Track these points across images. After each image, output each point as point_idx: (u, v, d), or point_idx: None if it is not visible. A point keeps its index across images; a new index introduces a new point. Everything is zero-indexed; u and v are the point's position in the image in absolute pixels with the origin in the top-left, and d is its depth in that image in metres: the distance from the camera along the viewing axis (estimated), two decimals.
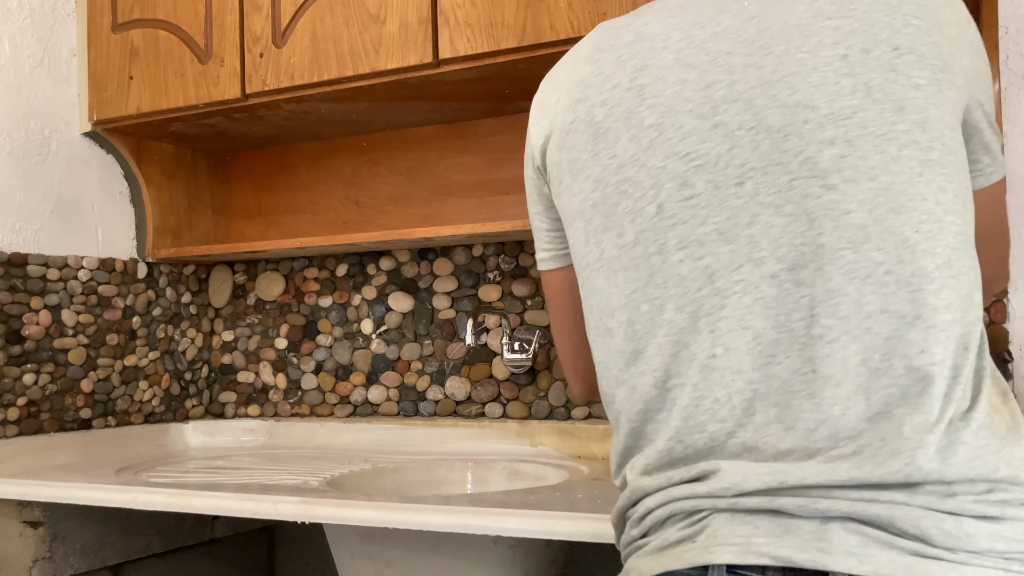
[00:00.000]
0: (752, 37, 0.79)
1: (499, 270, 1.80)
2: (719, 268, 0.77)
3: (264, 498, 1.28)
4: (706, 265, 0.78)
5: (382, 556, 1.36)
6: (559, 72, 0.93)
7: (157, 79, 1.74)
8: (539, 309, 1.75)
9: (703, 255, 0.78)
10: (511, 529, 1.09)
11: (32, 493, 1.47)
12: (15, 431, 1.67)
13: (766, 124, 0.77)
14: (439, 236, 1.67)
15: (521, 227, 1.59)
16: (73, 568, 1.62)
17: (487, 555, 1.33)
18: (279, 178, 2.04)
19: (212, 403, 2.07)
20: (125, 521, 1.70)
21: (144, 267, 1.92)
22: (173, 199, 1.99)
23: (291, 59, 1.62)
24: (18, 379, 1.68)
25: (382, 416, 1.89)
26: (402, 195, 1.90)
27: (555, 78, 0.93)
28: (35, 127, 1.75)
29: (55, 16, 1.80)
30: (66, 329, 1.76)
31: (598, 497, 1.28)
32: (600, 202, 0.84)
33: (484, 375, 1.81)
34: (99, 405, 1.82)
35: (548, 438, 1.68)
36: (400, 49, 1.53)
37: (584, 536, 1.07)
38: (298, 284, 2.00)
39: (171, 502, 1.33)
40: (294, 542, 2.02)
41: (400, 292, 1.89)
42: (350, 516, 1.19)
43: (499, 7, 1.45)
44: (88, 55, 1.81)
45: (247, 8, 1.66)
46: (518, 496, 1.29)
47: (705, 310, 0.77)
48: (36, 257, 1.72)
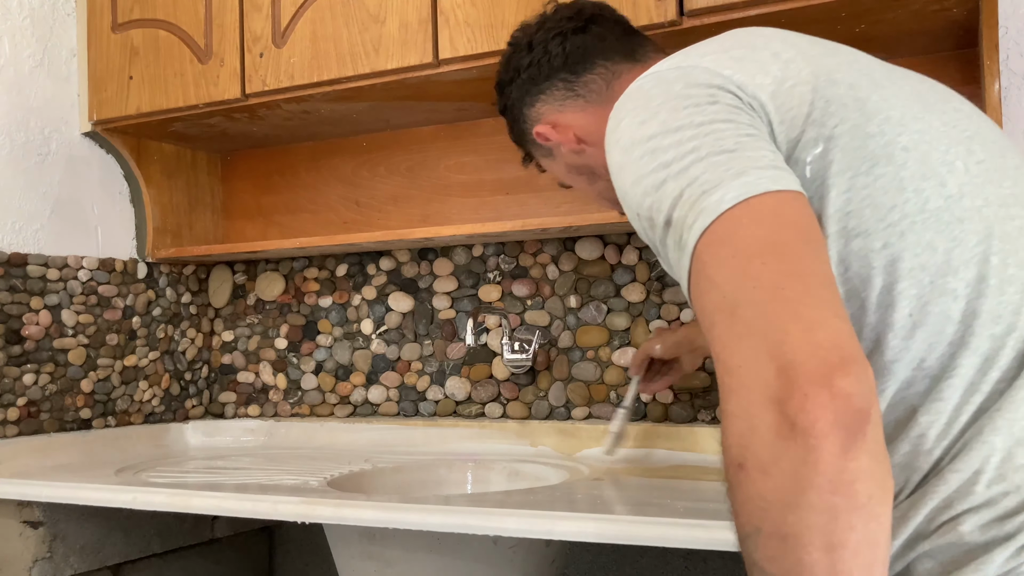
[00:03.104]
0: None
1: (499, 270, 1.80)
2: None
3: (264, 498, 1.28)
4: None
5: (382, 556, 1.36)
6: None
7: (157, 79, 1.74)
8: (539, 309, 1.76)
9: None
10: (511, 529, 1.09)
11: (32, 493, 1.47)
12: (15, 431, 1.67)
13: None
14: (439, 236, 1.67)
15: (521, 227, 1.59)
16: (73, 568, 1.62)
17: (487, 555, 1.33)
18: (279, 178, 2.04)
19: (212, 403, 2.07)
20: (125, 521, 1.70)
21: (144, 267, 1.92)
22: (173, 199, 1.99)
23: (291, 59, 1.62)
24: (18, 379, 1.68)
25: (382, 416, 1.89)
26: (402, 195, 1.90)
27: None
28: (35, 127, 1.75)
29: (55, 16, 1.80)
30: (66, 329, 1.76)
31: (598, 497, 1.28)
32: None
33: (484, 375, 1.81)
34: (99, 405, 1.82)
35: (548, 438, 1.68)
36: (400, 49, 1.53)
37: (584, 536, 1.07)
38: (298, 284, 2.00)
39: (171, 502, 1.33)
40: (294, 542, 2.02)
41: (400, 292, 1.89)
42: (350, 516, 1.19)
43: (499, 7, 1.45)
44: (88, 55, 1.81)
45: (247, 8, 1.66)
46: (518, 496, 1.29)
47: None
48: (36, 257, 1.72)
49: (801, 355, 0.61)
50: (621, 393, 1.68)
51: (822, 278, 0.66)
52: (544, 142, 1.12)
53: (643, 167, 0.75)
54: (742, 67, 0.79)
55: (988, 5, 1.25)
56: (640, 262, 1.68)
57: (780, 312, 0.63)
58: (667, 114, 0.76)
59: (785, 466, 0.60)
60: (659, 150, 0.74)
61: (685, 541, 1.01)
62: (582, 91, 1.08)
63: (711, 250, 0.68)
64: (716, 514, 1.10)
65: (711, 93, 0.77)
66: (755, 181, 0.69)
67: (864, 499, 0.60)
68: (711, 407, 1.61)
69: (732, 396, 0.64)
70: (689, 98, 0.77)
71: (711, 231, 0.68)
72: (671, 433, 1.58)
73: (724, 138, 0.72)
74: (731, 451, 0.64)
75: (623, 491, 1.33)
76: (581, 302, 1.72)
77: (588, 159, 1.10)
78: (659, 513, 1.07)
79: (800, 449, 0.60)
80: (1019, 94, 1.38)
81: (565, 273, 1.74)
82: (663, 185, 0.73)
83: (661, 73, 0.82)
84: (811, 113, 0.77)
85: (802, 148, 0.76)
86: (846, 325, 0.64)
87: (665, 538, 1.02)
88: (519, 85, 1.13)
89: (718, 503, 1.24)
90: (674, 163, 0.72)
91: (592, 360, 1.71)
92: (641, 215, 0.76)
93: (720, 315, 0.66)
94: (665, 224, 0.72)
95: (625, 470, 1.49)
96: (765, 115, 0.77)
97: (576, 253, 1.73)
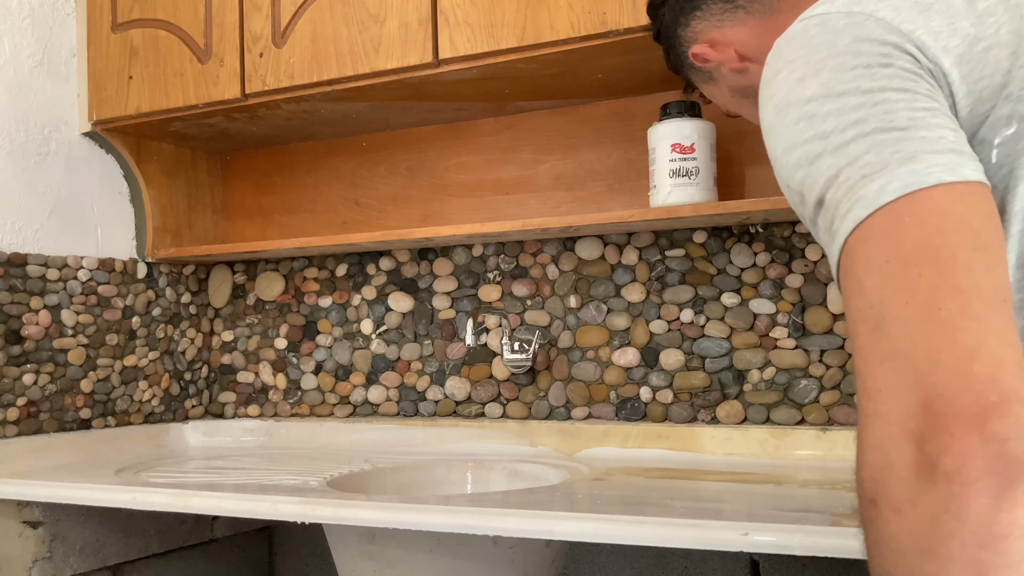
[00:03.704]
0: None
1: (499, 270, 1.80)
2: None
3: (264, 498, 1.28)
4: None
5: (382, 556, 1.36)
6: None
7: (157, 79, 1.74)
8: (539, 309, 1.76)
9: None
10: (511, 529, 1.09)
11: (32, 493, 1.46)
12: (15, 431, 1.67)
13: None
14: (439, 236, 1.67)
15: (521, 227, 1.59)
16: (73, 568, 1.62)
17: (487, 555, 1.33)
18: (279, 178, 2.04)
19: (212, 403, 2.07)
20: (125, 521, 1.70)
21: (144, 267, 1.92)
22: (173, 199, 1.99)
23: (291, 59, 1.62)
24: (18, 379, 1.68)
25: (382, 416, 1.89)
26: (402, 195, 1.90)
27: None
28: (35, 127, 1.75)
29: (55, 16, 1.80)
30: (66, 329, 1.76)
31: (598, 497, 1.28)
32: None
33: (484, 375, 1.81)
34: (99, 405, 1.82)
35: (548, 438, 1.68)
36: (400, 49, 1.53)
37: (584, 536, 1.06)
38: (298, 284, 2.00)
39: (171, 502, 1.33)
40: (294, 542, 2.02)
41: (400, 292, 1.89)
42: (350, 516, 1.19)
43: (499, 7, 1.45)
44: (88, 55, 1.81)
45: (247, 8, 1.66)
46: (518, 496, 1.29)
47: None
48: (36, 257, 1.72)
49: (951, 389, 0.53)
50: (621, 393, 1.68)
51: (990, 295, 0.57)
52: (703, 64, 1.02)
53: (798, 134, 0.66)
54: (926, 21, 0.67)
55: None
56: (640, 262, 1.68)
57: (933, 335, 0.55)
58: (830, 73, 0.66)
59: (923, 510, 0.54)
60: (817, 116, 0.65)
61: (685, 541, 1.01)
62: (742, 2, 0.96)
63: (864, 248, 0.60)
64: (716, 514, 1.10)
65: (885, 53, 0.66)
66: (926, 169, 0.60)
67: (1017, 556, 0.52)
68: (711, 407, 1.61)
69: (869, 424, 0.57)
70: (858, 56, 0.66)
71: (866, 225, 0.60)
72: (671, 433, 1.58)
73: (895, 111, 0.63)
74: (864, 484, 0.57)
75: (623, 491, 1.33)
76: (581, 302, 1.72)
77: (753, 78, 0.97)
78: (659, 513, 1.07)
79: (942, 495, 0.53)
80: None
81: (565, 273, 1.74)
82: (818, 159, 0.64)
83: (829, 17, 0.70)
84: (1007, 84, 0.66)
85: (991, 127, 0.66)
86: (1012, 355, 0.55)
87: (665, 538, 1.02)
88: (672, 4, 1.04)
89: (718, 503, 1.24)
90: (833, 135, 0.64)
91: (592, 360, 1.71)
92: (791, 187, 0.68)
93: (864, 326, 0.59)
94: (817, 204, 0.65)
95: (625, 470, 1.49)
96: (947, 84, 0.66)
97: (576, 253, 1.72)
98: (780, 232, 1.58)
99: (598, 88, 1.64)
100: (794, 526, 0.97)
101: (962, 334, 0.55)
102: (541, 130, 1.76)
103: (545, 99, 1.70)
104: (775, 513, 1.10)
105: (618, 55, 1.45)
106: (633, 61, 1.48)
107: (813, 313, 1.55)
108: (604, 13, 1.38)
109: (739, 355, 1.60)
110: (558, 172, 1.75)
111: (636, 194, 1.66)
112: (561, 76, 1.56)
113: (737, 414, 1.59)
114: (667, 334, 1.66)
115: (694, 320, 1.63)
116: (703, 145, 1.49)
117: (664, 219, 1.51)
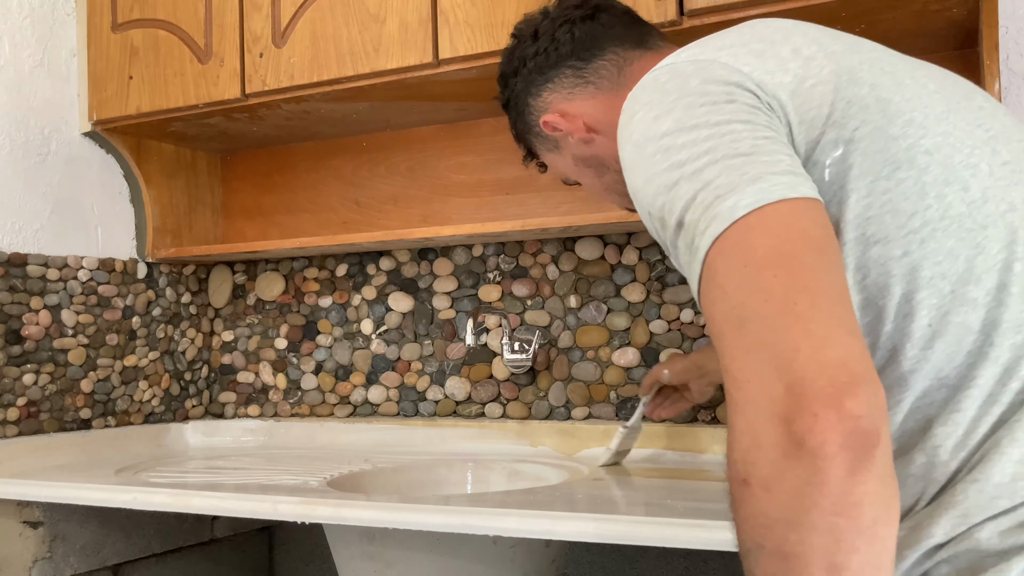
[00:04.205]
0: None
1: (499, 270, 1.80)
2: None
3: (264, 498, 1.28)
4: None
5: (382, 556, 1.36)
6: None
7: (157, 79, 1.74)
8: (539, 309, 1.76)
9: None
10: (511, 529, 1.09)
11: (32, 493, 1.47)
12: (15, 431, 1.67)
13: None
14: (439, 236, 1.67)
15: (521, 227, 1.59)
16: (73, 568, 1.62)
17: (487, 555, 1.33)
18: (279, 178, 2.04)
19: (212, 403, 2.07)
20: (125, 521, 1.70)
21: (144, 267, 1.92)
22: (173, 199, 1.99)
23: (291, 59, 1.62)
24: (18, 379, 1.68)
25: (382, 416, 1.89)
26: (402, 195, 1.90)
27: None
28: (35, 127, 1.75)
29: (55, 16, 1.80)
30: (66, 329, 1.76)
31: (598, 497, 1.28)
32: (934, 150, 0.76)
33: (484, 375, 1.81)
34: (99, 405, 1.82)
35: (548, 438, 1.68)
36: (400, 49, 1.53)
37: (584, 536, 1.07)
38: (298, 284, 2.00)
39: (171, 502, 1.33)
40: (294, 542, 2.02)
41: (400, 292, 1.89)
42: (350, 516, 1.19)
43: (499, 7, 1.45)
44: (88, 55, 1.81)
45: (247, 8, 1.66)
46: (518, 496, 1.29)
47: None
48: (36, 257, 1.72)
49: (810, 373, 0.60)
50: (621, 393, 1.68)
51: (835, 293, 0.64)
52: (552, 132, 1.08)
53: (656, 165, 0.73)
54: (762, 63, 0.77)
55: (988, 5, 1.25)
56: (640, 262, 1.68)
57: (790, 328, 0.62)
58: (682, 111, 0.73)
59: (789, 485, 0.60)
60: (673, 149, 0.72)
61: (685, 541, 1.01)
62: (592, 77, 1.04)
63: (722, 258, 0.66)
64: (716, 514, 1.10)
65: (728, 91, 0.74)
66: (770, 188, 0.67)
67: (869, 521, 0.59)
68: (711, 407, 1.61)
69: (739, 411, 0.63)
70: (706, 95, 0.74)
71: (723, 238, 0.66)
72: (671, 433, 1.58)
73: (740, 140, 0.70)
74: (736, 466, 0.63)
75: (623, 491, 1.33)
76: (581, 302, 1.72)
77: (598, 149, 1.05)
78: (659, 513, 1.07)
79: (806, 469, 0.59)
80: (1019, 94, 1.38)
81: (565, 273, 1.74)
82: (676, 186, 0.71)
83: (677, 65, 0.79)
84: (831, 114, 0.75)
85: (821, 150, 0.74)
86: (858, 342, 0.62)
87: (665, 538, 1.02)
88: (524, 75, 1.09)
89: (718, 503, 1.24)
90: (688, 163, 0.70)
91: (592, 360, 1.71)
92: (652, 214, 0.74)
93: (729, 326, 0.65)
94: (677, 226, 0.71)
95: (625, 470, 1.49)
96: (784, 115, 0.75)
97: (576, 253, 1.72)
98: None
99: None
100: None
101: (814, 325, 0.62)
102: None
103: None
104: None
105: None
106: None
107: None
108: None
109: None
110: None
111: None
112: None
113: None
114: (667, 334, 1.66)
115: (694, 320, 1.63)
116: None
117: None
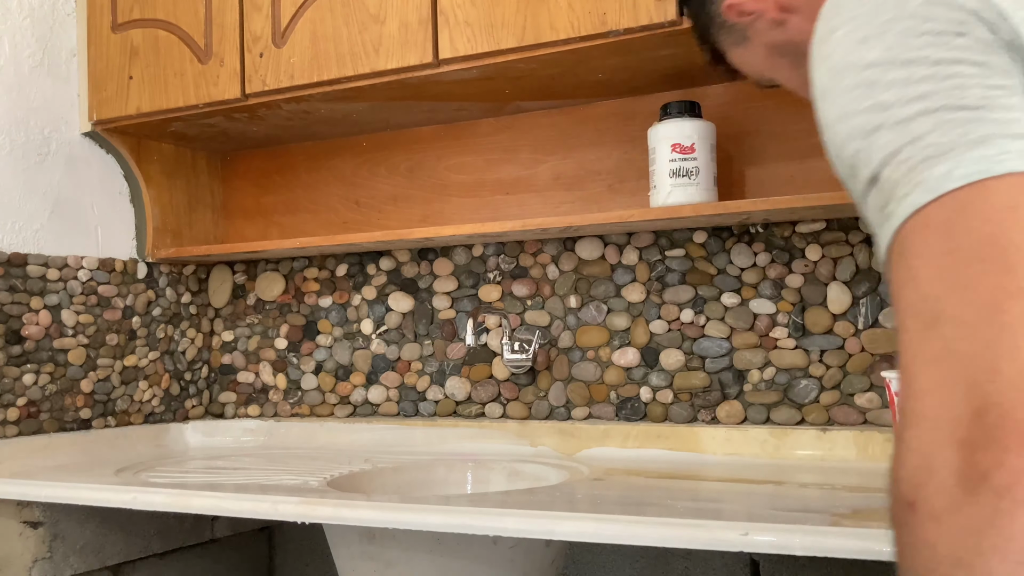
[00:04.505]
0: None
1: (499, 270, 1.80)
2: None
3: (264, 498, 1.28)
4: None
5: (382, 556, 1.36)
6: None
7: (157, 79, 1.74)
8: (539, 309, 1.76)
9: None
10: (511, 529, 1.09)
11: (32, 493, 1.47)
12: (15, 431, 1.67)
13: None
14: (439, 236, 1.67)
15: (521, 227, 1.59)
16: (73, 568, 1.62)
17: (487, 555, 1.33)
18: (279, 178, 2.04)
19: (212, 403, 2.07)
20: (125, 521, 1.70)
21: (144, 267, 1.92)
22: (173, 199, 1.99)
23: (291, 59, 1.62)
24: (18, 379, 1.68)
25: (382, 416, 1.89)
26: (402, 195, 1.90)
27: None
28: (35, 127, 1.75)
29: (55, 16, 1.80)
30: (66, 329, 1.76)
31: (598, 497, 1.28)
32: None
33: (484, 375, 1.81)
34: (99, 405, 1.82)
35: (548, 438, 1.68)
36: (400, 49, 1.53)
37: (584, 536, 1.07)
38: (298, 284, 2.00)
39: (171, 502, 1.33)
40: (294, 542, 2.02)
41: (400, 292, 1.89)
42: (350, 516, 1.19)
43: (499, 7, 1.45)
44: (88, 55, 1.81)
45: (247, 8, 1.66)
46: (518, 496, 1.29)
47: None
48: (36, 257, 1.72)
49: (1010, 401, 0.49)
50: (621, 393, 1.68)
51: None
52: (738, 18, 0.91)
53: (855, 102, 0.59)
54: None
55: None
56: (640, 262, 1.68)
57: (993, 340, 0.50)
58: (896, 37, 0.58)
59: (964, 521, 0.50)
60: (879, 85, 0.58)
61: (685, 541, 1.01)
62: None
63: (921, 236, 0.54)
64: (716, 514, 1.11)
65: (960, 20, 0.57)
66: (997, 156, 0.53)
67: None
68: (711, 407, 1.61)
69: (912, 423, 0.53)
70: (929, 21, 0.58)
71: (926, 212, 0.54)
72: (671, 433, 1.58)
73: (967, 87, 0.55)
74: (901, 484, 0.53)
75: (623, 491, 1.33)
76: (581, 302, 1.72)
77: (792, 32, 0.87)
78: (659, 513, 1.07)
79: (987, 509, 0.49)
80: None
81: (565, 273, 1.74)
82: (876, 132, 0.57)
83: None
84: None
85: None
86: None
87: (665, 538, 1.02)
88: None
89: (718, 503, 1.24)
90: (895, 107, 0.57)
91: (592, 360, 1.71)
92: (842, 158, 0.61)
93: (915, 321, 0.54)
94: (870, 180, 0.58)
95: (625, 470, 1.49)
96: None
97: (576, 253, 1.72)
98: (780, 232, 1.58)
99: (598, 88, 1.64)
100: (794, 526, 0.97)
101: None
102: (541, 130, 1.76)
103: (545, 99, 1.70)
104: (775, 513, 1.10)
105: (618, 55, 1.45)
106: (633, 61, 1.48)
107: (813, 313, 1.55)
108: (604, 13, 1.38)
109: (739, 355, 1.60)
110: (558, 172, 1.75)
111: (636, 194, 1.66)
112: (561, 76, 1.56)
113: (737, 414, 1.59)
114: (667, 334, 1.66)
115: (694, 320, 1.63)
116: (703, 145, 1.49)
117: (664, 219, 1.51)
